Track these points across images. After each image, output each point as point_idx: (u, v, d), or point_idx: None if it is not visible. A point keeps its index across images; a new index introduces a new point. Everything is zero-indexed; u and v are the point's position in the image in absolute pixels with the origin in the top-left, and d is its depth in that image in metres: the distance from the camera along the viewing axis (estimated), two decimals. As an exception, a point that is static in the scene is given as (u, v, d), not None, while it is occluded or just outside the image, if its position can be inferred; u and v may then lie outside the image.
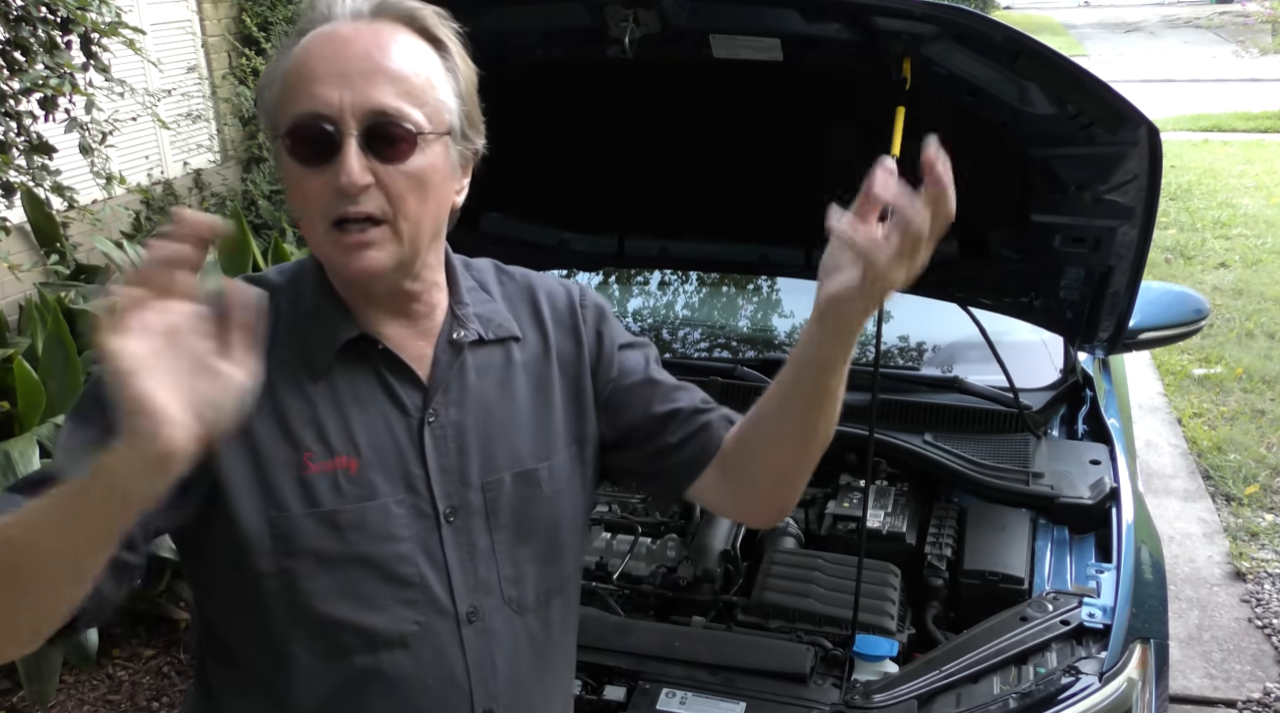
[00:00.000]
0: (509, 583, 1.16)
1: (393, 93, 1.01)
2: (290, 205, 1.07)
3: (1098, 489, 2.07)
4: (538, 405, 1.20)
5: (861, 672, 1.74)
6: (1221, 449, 4.58)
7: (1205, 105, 12.65)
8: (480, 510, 1.14)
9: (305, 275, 1.14)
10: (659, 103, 2.14)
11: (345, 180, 0.99)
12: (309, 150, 1.01)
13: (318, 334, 1.10)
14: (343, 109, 0.99)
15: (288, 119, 1.02)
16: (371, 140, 1.01)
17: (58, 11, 3.39)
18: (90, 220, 4.41)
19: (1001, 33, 1.65)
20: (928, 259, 0.99)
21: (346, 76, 1.00)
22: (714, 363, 2.70)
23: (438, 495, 1.12)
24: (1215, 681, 3.15)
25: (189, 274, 0.79)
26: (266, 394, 1.04)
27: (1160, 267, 7.03)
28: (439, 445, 1.13)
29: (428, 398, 1.13)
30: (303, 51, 1.03)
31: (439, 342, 1.15)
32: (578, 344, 1.25)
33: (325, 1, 1.06)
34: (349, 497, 1.08)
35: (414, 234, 1.05)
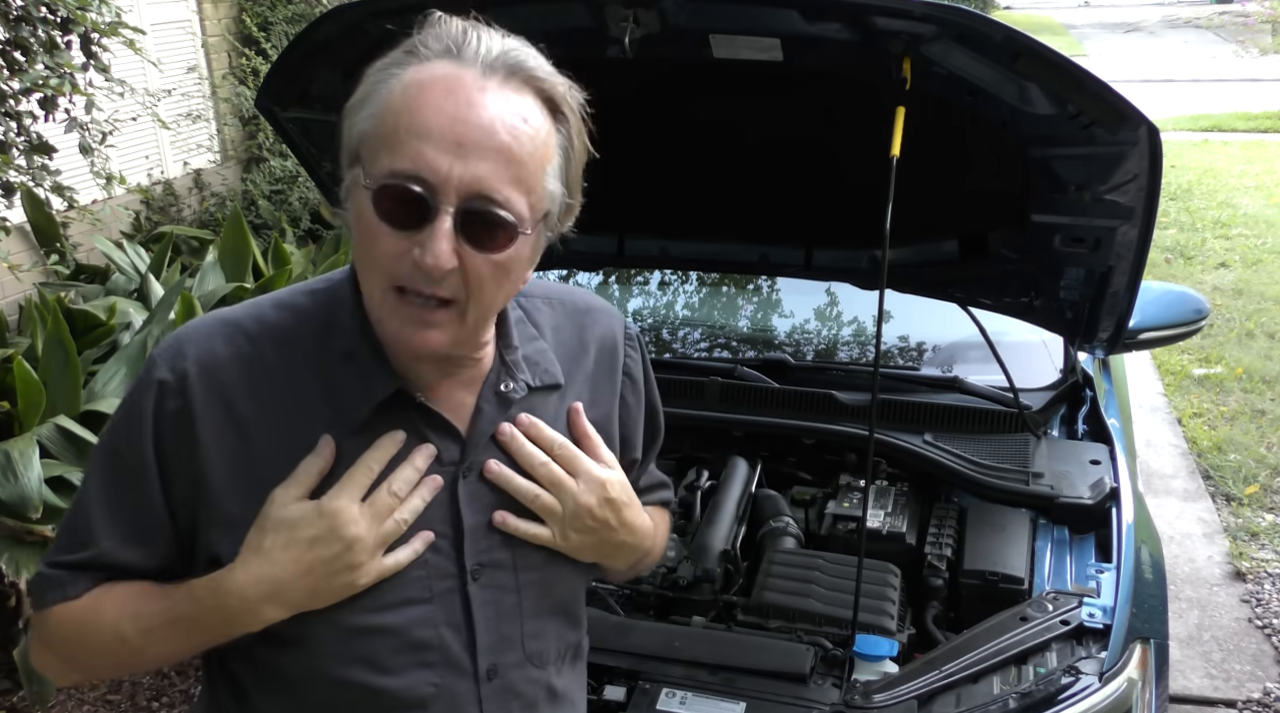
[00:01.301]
0: (531, 639, 1.12)
1: (505, 177, 0.92)
2: (355, 246, 0.99)
3: (1098, 489, 2.07)
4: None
5: (861, 672, 1.74)
6: (1221, 449, 4.58)
7: (1205, 105, 12.65)
8: (509, 566, 1.09)
9: (341, 307, 1.05)
10: (659, 103, 2.14)
11: (430, 262, 0.91)
12: (398, 212, 0.92)
13: (351, 382, 1.03)
14: (448, 181, 0.90)
15: (382, 169, 0.92)
16: (467, 222, 0.92)
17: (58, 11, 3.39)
18: (90, 220, 4.41)
19: (1001, 33, 1.65)
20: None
21: (462, 146, 0.91)
22: (714, 363, 2.70)
23: (466, 553, 1.06)
24: (1215, 681, 3.15)
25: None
26: (286, 441, 1.01)
27: (1160, 267, 7.02)
28: (472, 501, 1.07)
29: (465, 451, 1.07)
30: (418, 95, 0.92)
31: (483, 391, 1.08)
32: (612, 394, 1.20)
33: (454, 34, 0.95)
34: None
35: (481, 318, 1.00)
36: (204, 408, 1.00)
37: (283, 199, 6.24)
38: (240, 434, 1.01)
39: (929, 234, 2.32)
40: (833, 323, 3.17)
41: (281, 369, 1.02)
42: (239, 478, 1.01)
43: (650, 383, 1.27)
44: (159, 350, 1.03)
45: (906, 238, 2.19)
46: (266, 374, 1.02)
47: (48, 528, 2.90)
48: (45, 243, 4.86)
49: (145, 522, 1.03)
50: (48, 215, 4.79)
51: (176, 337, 1.04)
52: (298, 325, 1.05)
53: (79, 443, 3.17)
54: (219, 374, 1.01)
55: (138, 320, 4.06)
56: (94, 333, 3.94)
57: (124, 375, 3.55)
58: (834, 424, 2.33)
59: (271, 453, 1.01)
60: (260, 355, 1.03)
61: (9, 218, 3.82)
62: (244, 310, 1.07)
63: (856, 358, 2.95)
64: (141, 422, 1.01)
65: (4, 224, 3.73)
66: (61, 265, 4.83)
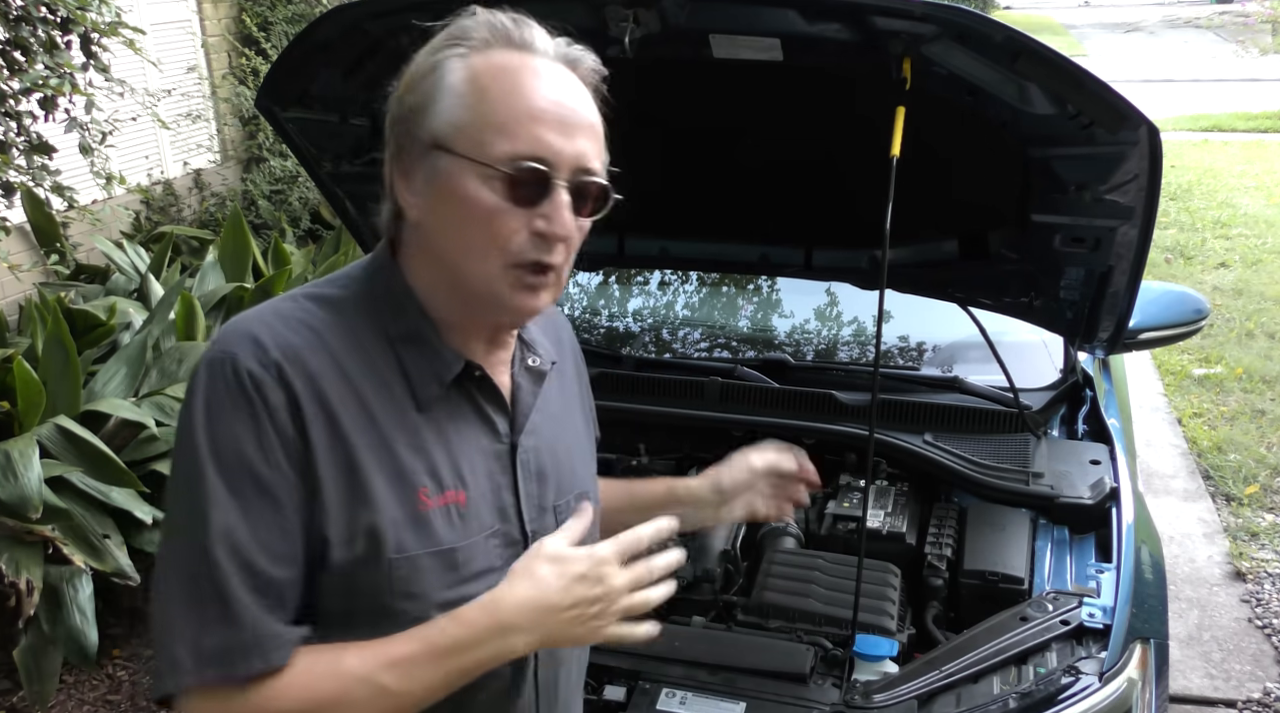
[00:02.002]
0: None
1: (595, 152, 1.05)
2: (452, 233, 1.04)
3: (1098, 489, 2.07)
4: (578, 432, 1.29)
5: (861, 672, 1.74)
6: (1221, 449, 4.58)
7: (1205, 105, 12.66)
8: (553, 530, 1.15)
9: (394, 292, 1.10)
10: (659, 103, 2.14)
11: (561, 230, 1.02)
12: (523, 191, 1.01)
13: (421, 362, 1.09)
14: (561, 158, 1.01)
15: (503, 154, 1.00)
16: (576, 193, 1.04)
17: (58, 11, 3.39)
18: (90, 220, 4.42)
19: (1001, 33, 1.65)
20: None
21: (568, 126, 1.02)
22: (714, 363, 2.70)
23: (526, 521, 1.14)
24: (1215, 681, 3.15)
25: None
26: (369, 425, 1.04)
27: (1160, 267, 7.03)
28: (524, 471, 1.15)
29: (515, 424, 1.16)
30: (517, 80, 1.02)
31: (515, 367, 1.18)
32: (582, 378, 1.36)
33: (520, 29, 1.05)
34: (463, 532, 1.08)
35: (561, 283, 1.09)
36: (304, 396, 1.00)
37: (283, 199, 6.24)
38: (332, 423, 1.02)
39: (929, 234, 2.33)
40: (833, 323, 3.17)
41: (346, 355, 1.05)
42: (337, 465, 1.02)
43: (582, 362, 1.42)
44: (229, 344, 1.00)
45: (906, 238, 2.19)
46: (335, 360, 1.04)
47: (48, 528, 2.90)
48: (45, 243, 4.86)
49: (291, 531, 1.00)
50: (48, 215, 4.79)
51: (238, 331, 1.02)
52: (343, 315, 1.08)
53: (79, 443, 3.17)
54: (303, 362, 1.02)
55: (138, 320, 4.06)
56: (94, 333, 3.94)
57: (124, 375, 3.55)
58: (834, 424, 2.33)
59: (360, 439, 1.03)
60: (324, 343, 1.04)
61: (9, 218, 3.83)
62: (285, 304, 1.07)
63: (856, 358, 2.95)
64: (256, 422, 0.98)
65: (4, 224, 3.73)
66: (61, 265, 4.83)
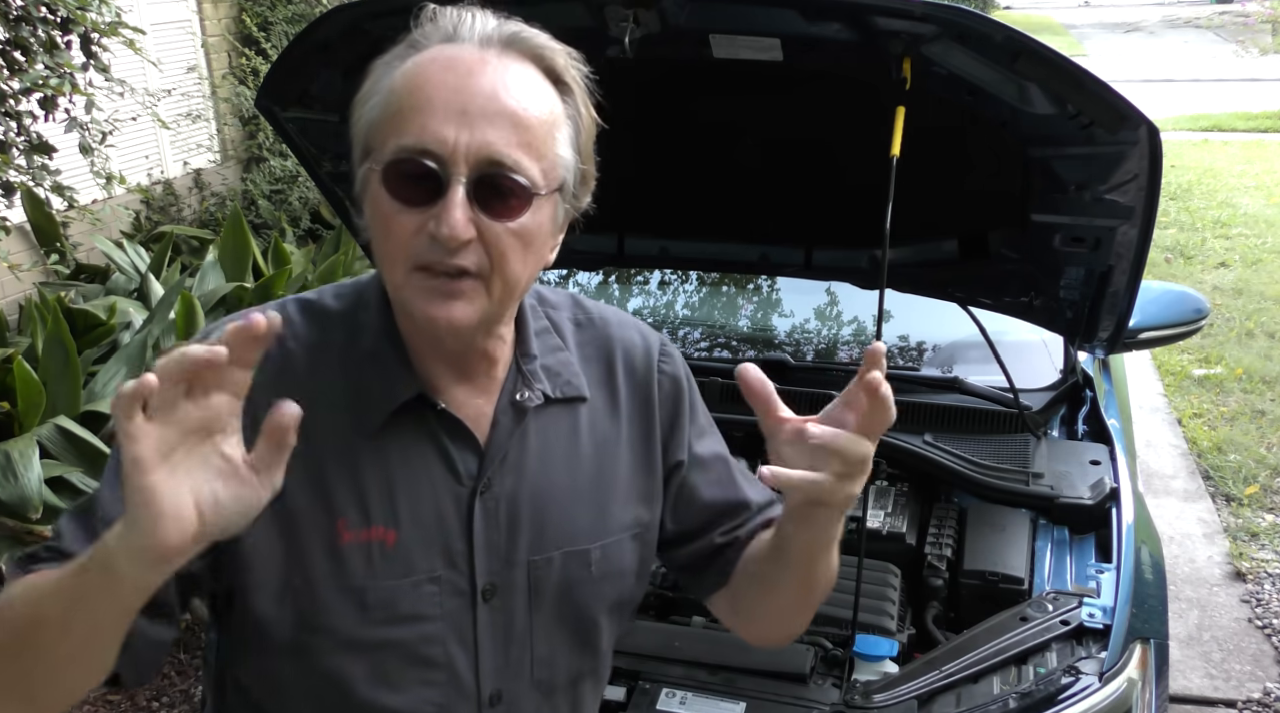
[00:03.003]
0: (541, 665, 1.08)
1: (514, 142, 0.91)
2: (372, 237, 0.97)
3: (1098, 489, 2.07)
4: (600, 478, 1.10)
5: (861, 672, 1.74)
6: (1221, 449, 4.58)
7: (1205, 105, 12.65)
8: (523, 590, 1.05)
9: (367, 308, 1.04)
10: (659, 103, 2.14)
11: (446, 232, 0.89)
12: (409, 189, 0.91)
13: (373, 384, 1.00)
14: (456, 151, 0.89)
15: (390, 150, 0.91)
16: (480, 191, 0.91)
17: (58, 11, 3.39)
18: (90, 220, 4.41)
19: (1001, 33, 1.65)
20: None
21: (467, 114, 0.90)
22: (714, 363, 2.70)
23: (478, 572, 1.03)
24: (1215, 681, 3.15)
25: (239, 372, 0.76)
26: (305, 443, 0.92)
27: (1160, 267, 7.02)
28: (488, 518, 1.03)
29: (483, 465, 1.03)
30: (418, 73, 0.92)
31: (500, 401, 1.05)
32: (649, 413, 1.14)
33: (451, 20, 0.95)
34: (380, 573, 0.99)
35: (505, 295, 0.96)
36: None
37: (283, 199, 6.24)
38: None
39: (929, 234, 2.32)
40: (833, 323, 3.17)
41: (308, 371, 1.00)
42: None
43: (690, 404, 1.19)
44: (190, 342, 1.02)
45: (906, 238, 2.19)
46: (294, 375, 0.99)
47: (47, 528, 2.90)
48: (45, 243, 4.86)
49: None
50: (48, 215, 4.79)
51: (204, 331, 1.02)
52: (325, 327, 1.03)
53: (79, 443, 3.17)
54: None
55: (138, 320, 4.06)
56: (94, 333, 3.94)
57: (124, 375, 3.55)
58: (834, 424, 2.33)
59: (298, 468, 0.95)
60: (289, 356, 1.00)
61: (9, 218, 3.82)
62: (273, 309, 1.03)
63: (857, 358, 2.95)
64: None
65: (4, 224, 3.73)
66: (61, 265, 4.83)
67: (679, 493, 1.18)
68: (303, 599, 0.98)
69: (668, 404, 1.16)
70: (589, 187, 1.03)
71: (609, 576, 1.11)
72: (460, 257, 0.91)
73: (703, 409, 1.22)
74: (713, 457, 1.21)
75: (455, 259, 0.91)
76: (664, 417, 1.15)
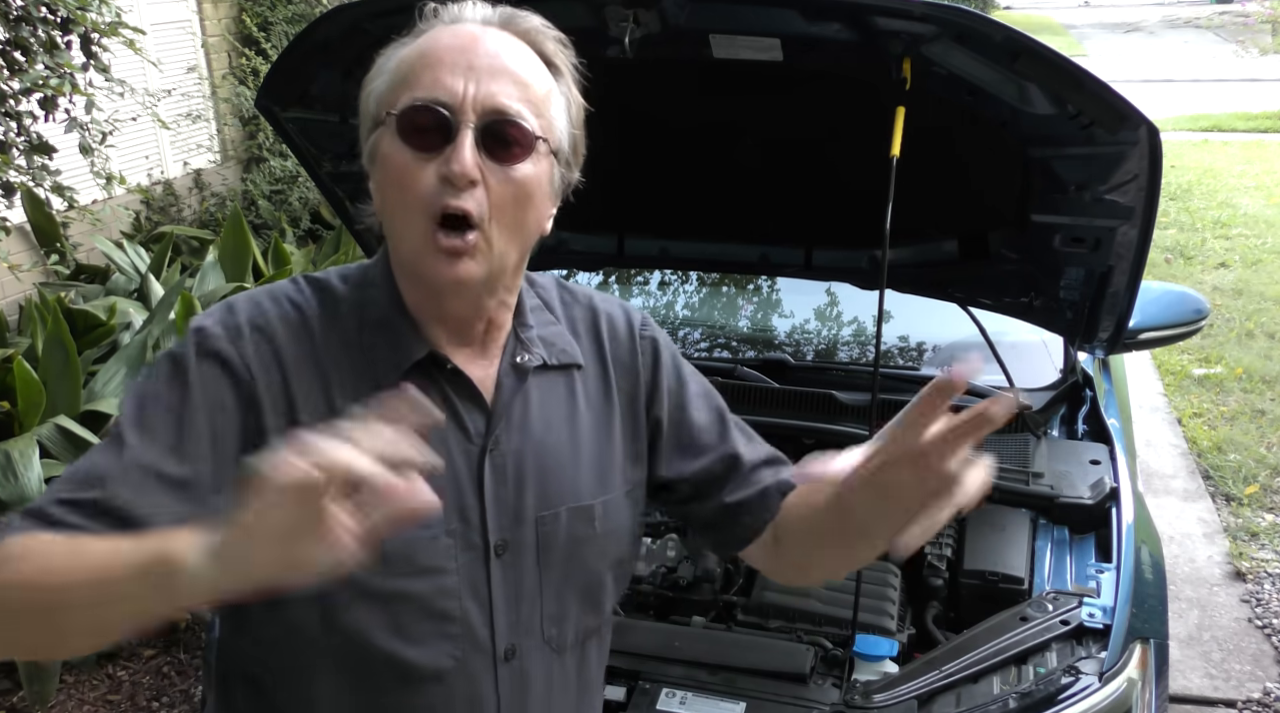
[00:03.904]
0: (550, 622, 1.12)
1: (516, 95, 0.99)
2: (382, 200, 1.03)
3: (1098, 489, 2.07)
4: (597, 438, 1.16)
5: (861, 672, 1.74)
6: (1221, 449, 4.58)
7: (1205, 105, 12.65)
8: (532, 546, 1.09)
9: (373, 283, 1.09)
10: (659, 103, 2.14)
11: (457, 168, 0.96)
12: (422, 136, 0.98)
13: (385, 348, 1.06)
14: (465, 99, 0.97)
15: (403, 102, 0.99)
16: (486, 138, 0.98)
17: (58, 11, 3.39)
18: (90, 220, 4.42)
19: (1001, 33, 1.65)
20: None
21: (474, 69, 0.98)
22: (714, 363, 2.70)
23: (490, 528, 1.07)
24: (1215, 681, 3.15)
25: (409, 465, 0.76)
26: (325, 406, 1.02)
27: (1160, 267, 7.02)
28: (497, 475, 1.08)
29: (491, 424, 1.08)
30: (425, 42, 1.02)
31: (502, 365, 1.11)
32: (634, 378, 1.21)
33: (452, 11, 1.05)
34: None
35: (505, 248, 1.02)
36: (256, 360, 1.01)
37: (283, 199, 6.24)
38: (285, 393, 1.02)
39: (929, 234, 2.33)
40: (833, 323, 3.18)
41: (324, 337, 1.05)
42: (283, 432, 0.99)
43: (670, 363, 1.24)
44: (206, 312, 1.06)
45: (906, 238, 2.19)
46: (311, 340, 1.05)
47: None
48: (45, 243, 4.86)
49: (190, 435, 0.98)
50: (48, 215, 4.79)
51: (225, 303, 1.06)
52: (334, 299, 1.08)
53: (79, 443, 3.17)
54: (271, 333, 1.03)
55: (138, 320, 4.06)
56: (94, 333, 3.94)
57: (124, 375, 3.55)
58: (834, 424, 2.33)
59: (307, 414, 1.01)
60: (305, 321, 1.05)
61: (9, 218, 3.83)
62: (286, 283, 1.10)
63: (856, 358, 2.96)
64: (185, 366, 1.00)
65: (4, 224, 3.73)
66: (61, 265, 4.83)
67: (670, 446, 1.22)
68: None
69: (648, 367, 1.22)
70: (579, 159, 1.09)
71: (611, 533, 1.15)
72: (465, 198, 0.97)
73: (691, 372, 1.26)
74: (701, 412, 1.24)
75: (460, 201, 0.97)
76: (645, 379, 1.21)
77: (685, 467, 1.22)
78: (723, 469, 1.22)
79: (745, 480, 1.22)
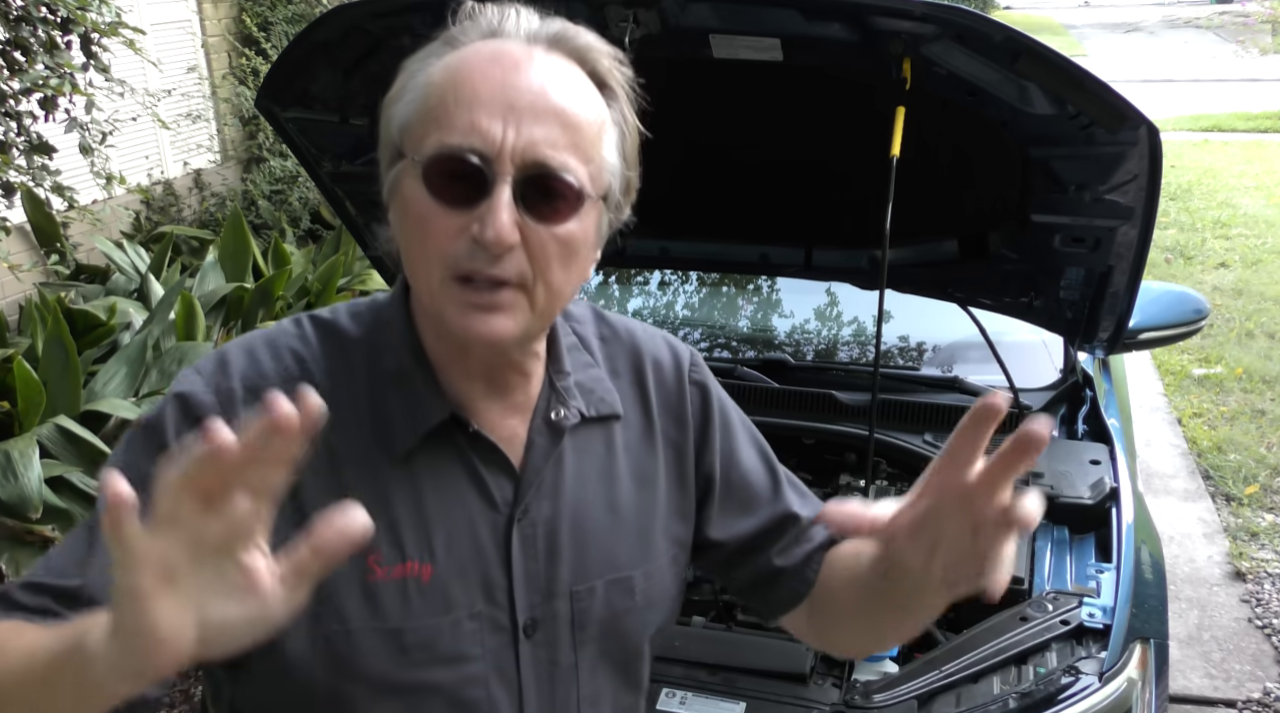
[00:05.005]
0: (587, 704, 1.01)
1: (563, 142, 0.85)
2: (403, 243, 0.90)
3: (1098, 489, 2.07)
4: (639, 498, 1.04)
5: (861, 672, 1.74)
6: (1221, 449, 4.58)
7: (1205, 105, 12.66)
8: (566, 622, 0.98)
9: (389, 327, 0.97)
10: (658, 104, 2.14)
11: (492, 235, 0.83)
12: (451, 188, 0.85)
13: (401, 406, 0.94)
14: (503, 149, 0.83)
15: (431, 146, 0.85)
16: (527, 192, 0.85)
17: (58, 11, 3.39)
18: (90, 220, 4.41)
19: (1001, 33, 1.65)
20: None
21: (515, 110, 0.84)
22: (714, 363, 2.70)
23: (519, 606, 0.96)
24: (1215, 681, 3.15)
25: (271, 471, 0.64)
26: (331, 473, 0.90)
27: (1160, 267, 7.03)
28: (527, 547, 0.96)
29: (520, 490, 0.96)
30: (461, 66, 0.87)
31: (534, 421, 0.98)
32: (683, 427, 1.09)
33: (493, 16, 0.90)
34: (418, 611, 0.91)
35: (548, 306, 0.90)
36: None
37: (283, 199, 6.24)
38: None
39: (929, 234, 2.33)
40: (833, 323, 3.18)
41: (329, 391, 0.90)
42: (281, 511, 0.87)
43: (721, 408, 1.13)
44: (200, 363, 0.94)
45: (906, 238, 2.19)
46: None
47: (48, 528, 2.90)
48: (45, 243, 4.86)
49: None
50: (48, 215, 4.79)
51: (218, 354, 0.95)
52: (344, 346, 0.96)
53: (79, 443, 3.17)
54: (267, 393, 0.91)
55: (138, 320, 4.07)
56: (94, 333, 3.94)
57: (124, 375, 3.55)
58: (834, 424, 2.33)
59: (314, 483, 0.90)
60: (306, 375, 0.93)
61: (9, 218, 3.82)
62: (287, 328, 0.98)
63: (856, 358, 2.96)
64: (165, 440, 0.88)
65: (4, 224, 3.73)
66: (61, 265, 4.83)
67: (722, 505, 1.11)
68: (338, 644, 0.90)
69: (698, 415, 1.11)
70: (631, 196, 0.98)
71: (654, 603, 1.05)
72: (502, 264, 0.85)
73: (739, 418, 1.16)
74: (753, 466, 1.14)
75: (497, 268, 0.85)
76: (695, 428, 1.10)
77: (736, 527, 1.11)
78: (775, 529, 1.12)
79: (798, 540, 1.11)
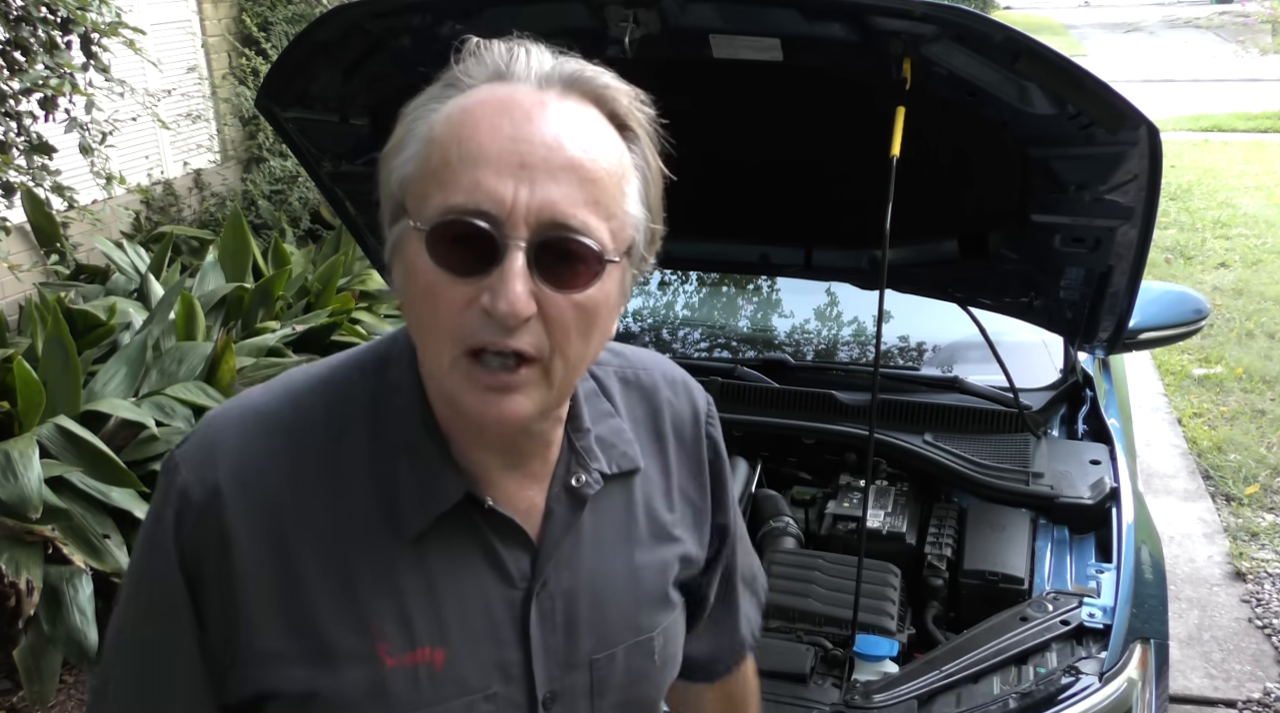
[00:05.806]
0: None
1: (581, 199, 0.77)
2: (407, 307, 0.83)
3: (1098, 489, 2.07)
4: (656, 556, 1.00)
5: (861, 672, 1.74)
6: (1221, 449, 4.58)
7: (1205, 105, 12.66)
8: (585, 692, 0.94)
9: (397, 391, 0.89)
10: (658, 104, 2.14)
11: (505, 307, 0.75)
12: (459, 256, 0.77)
13: (411, 481, 0.87)
14: (515, 210, 0.75)
15: (435, 209, 0.77)
16: (542, 257, 0.77)
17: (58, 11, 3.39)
18: (90, 220, 4.42)
19: (1001, 33, 1.65)
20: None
21: (528, 167, 0.76)
22: (714, 363, 2.70)
23: (538, 683, 0.91)
24: (1215, 681, 3.15)
25: None
26: (331, 558, 0.85)
27: (1160, 267, 7.03)
28: (545, 621, 0.91)
29: (537, 564, 0.91)
30: (465, 118, 0.78)
31: (553, 488, 0.92)
32: (699, 481, 1.05)
33: (501, 54, 0.82)
34: (430, 699, 0.86)
35: (566, 379, 0.83)
36: (240, 529, 0.83)
37: (283, 199, 6.24)
38: (282, 555, 0.84)
39: (929, 234, 2.33)
40: (833, 323, 3.18)
41: (328, 468, 0.87)
42: (282, 606, 0.84)
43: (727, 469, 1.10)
44: (184, 452, 0.87)
45: (906, 238, 2.19)
46: (310, 477, 0.86)
47: (48, 528, 2.90)
48: (45, 243, 4.86)
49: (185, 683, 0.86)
50: (48, 215, 4.79)
51: (204, 435, 0.88)
52: (344, 412, 0.89)
53: (79, 443, 3.17)
54: (256, 483, 0.85)
55: (138, 320, 4.06)
56: (94, 333, 3.94)
57: (124, 375, 3.55)
58: (834, 424, 2.33)
59: (316, 571, 0.85)
60: (301, 453, 0.87)
61: (9, 218, 3.83)
62: (280, 394, 0.90)
63: (856, 358, 2.96)
64: (165, 560, 0.85)
65: (4, 224, 3.73)
66: (61, 265, 4.83)
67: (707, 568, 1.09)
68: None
69: (712, 470, 1.08)
70: (656, 245, 0.90)
71: (670, 659, 1.02)
72: (517, 336, 0.78)
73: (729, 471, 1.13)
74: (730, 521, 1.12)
75: (511, 339, 0.77)
76: (710, 484, 1.07)
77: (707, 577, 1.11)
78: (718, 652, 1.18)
79: (729, 594, 1.15)
